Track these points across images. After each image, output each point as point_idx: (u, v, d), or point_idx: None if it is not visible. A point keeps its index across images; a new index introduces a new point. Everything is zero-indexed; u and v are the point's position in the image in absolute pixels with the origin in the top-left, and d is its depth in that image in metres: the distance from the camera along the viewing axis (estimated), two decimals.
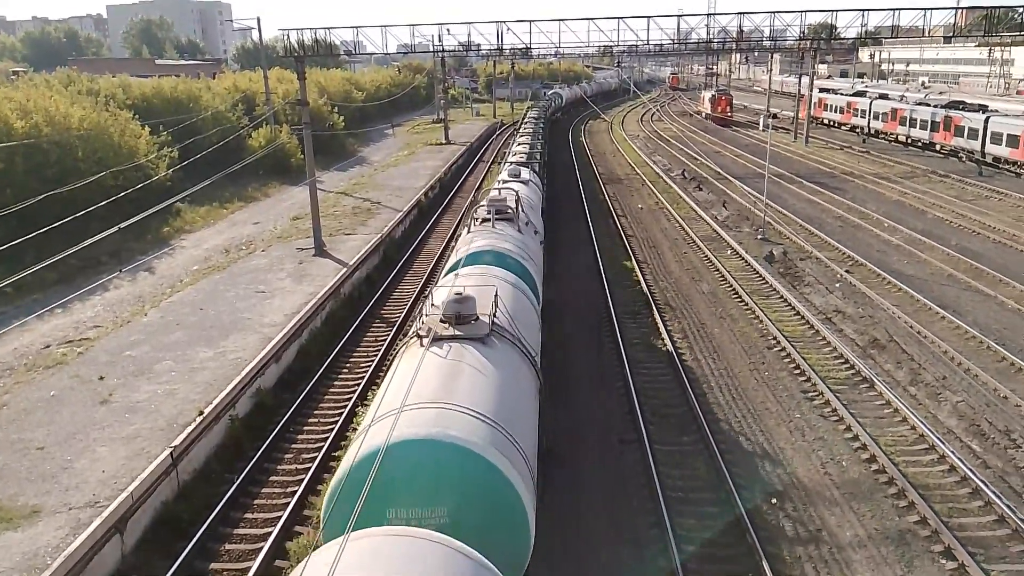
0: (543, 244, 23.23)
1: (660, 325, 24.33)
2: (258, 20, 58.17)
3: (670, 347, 22.59)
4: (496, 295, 13.35)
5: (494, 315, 12.69)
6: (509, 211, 20.87)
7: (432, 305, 13.16)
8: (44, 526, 13.57)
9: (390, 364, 13.65)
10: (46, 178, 31.53)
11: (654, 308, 25.90)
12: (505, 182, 26.87)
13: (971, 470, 15.62)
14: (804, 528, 14.34)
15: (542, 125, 55.65)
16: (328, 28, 41.58)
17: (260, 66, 60.53)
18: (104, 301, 26.27)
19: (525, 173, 29.77)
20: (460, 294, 12.46)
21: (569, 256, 33.24)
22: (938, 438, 16.92)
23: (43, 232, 20.24)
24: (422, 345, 11.72)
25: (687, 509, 14.85)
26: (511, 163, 33.75)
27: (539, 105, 79.21)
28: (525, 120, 58.23)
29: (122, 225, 20.16)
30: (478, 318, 12.37)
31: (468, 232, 20.20)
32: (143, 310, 24.94)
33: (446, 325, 12.13)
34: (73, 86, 46.21)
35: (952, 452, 16.34)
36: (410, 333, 13.11)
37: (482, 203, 21.84)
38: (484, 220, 20.40)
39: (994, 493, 14.79)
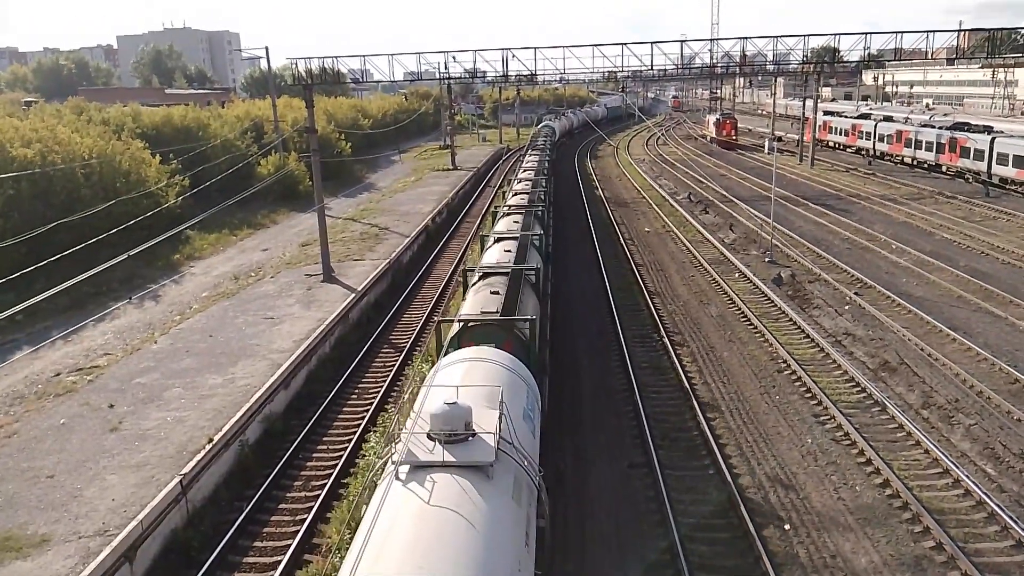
0: None
1: (669, 349, 24.26)
2: (266, 49, 58.98)
3: (679, 370, 22.50)
4: None
5: None
6: None
7: None
8: (54, 555, 13.52)
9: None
10: (53, 205, 31.88)
11: (663, 332, 25.84)
12: (429, 447, 9.63)
13: (987, 494, 15.44)
14: (819, 554, 14.17)
15: (542, 190, 34.24)
16: (336, 57, 42.07)
17: (269, 94, 61.14)
18: (114, 328, 26.36)
19: (492, 373, 12.52)
20: None
21: (576, 280, 33.25)
22: (952, 462, 16.75)
23: (54, 259, 20.42)
24: None
25: (699, 535, 14.71)
26: (465, 323, 15.26)
27: (538, 143, 60.03)
28: (518, 177, 40.40)
29: (131, 252, 20.34)
30: None
31: None
32: (153, 337, 25.02)
33: None
34: (84, 115, 46.79)
35: (967, 476, 16.17)
36: None
37: None
38: None
39: (1011, 517, 14.60)
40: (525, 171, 42.82)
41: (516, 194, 33.50)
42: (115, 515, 14.59)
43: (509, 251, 21.59)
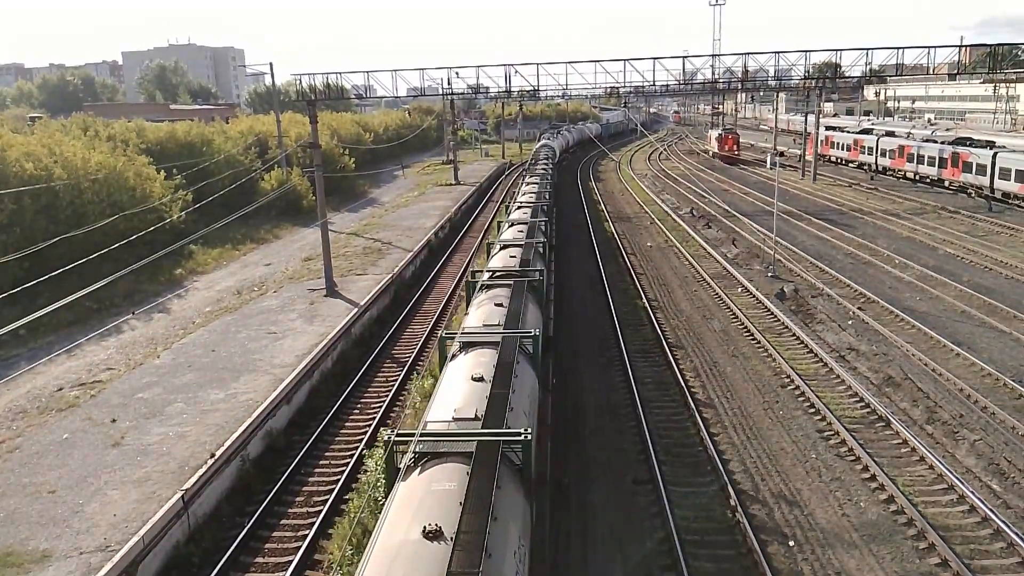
0: None
1: (672, 363, 24.21)
2: (271, 65, 59.41)
3: (683, 386, 22.44)
4: None
5: None
6: None
7: None
8: (55, 571, 13.47)
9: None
10: (58, 220, 31.98)
11: (665, 346, 25.80)
12: None
13: (992, 510, 15.35)
14: (823, 571, 14.06)
15: (542, 240, 24.92)
16: (339, 73, 42.29)
17: (272, 110, 61.52)
18: (117, 343, 26.37)
19: None
20: None
21: (579, 295, 33.23)
22: (957, 478, 16.66)
23: (57, 274, 20.48)
24: None
25: (703, 552, 14.63)
26: None
27: (537, 168, 52.70)
28: (510, 219, 29.49)
29: (134, 266, 20.41)
30: None
31: None
32: (155, 352, 25.02)
33: None
34: (90, 131, 47.03)
35: (972, 492, 16.07)
36: None
37: None
38: None
39: (1016, 534, 14.50)
40: (521, 208, 32.61)
41: (505, 247, 23.85)
42: (116, 530, 14.54)
43: (481, 380, 12.23)
